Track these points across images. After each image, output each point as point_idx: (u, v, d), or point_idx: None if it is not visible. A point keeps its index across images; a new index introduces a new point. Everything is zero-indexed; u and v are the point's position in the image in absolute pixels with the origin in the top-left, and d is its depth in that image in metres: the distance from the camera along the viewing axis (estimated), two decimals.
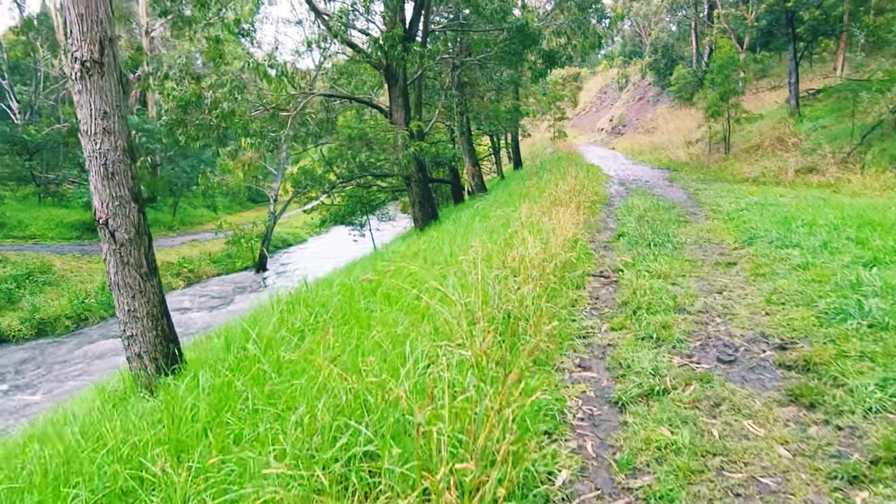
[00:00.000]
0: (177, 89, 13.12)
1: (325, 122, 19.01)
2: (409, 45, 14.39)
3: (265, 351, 3.98)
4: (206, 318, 19.96)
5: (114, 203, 5.27)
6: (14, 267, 23.31)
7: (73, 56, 5.01)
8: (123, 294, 5.46)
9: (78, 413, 5.70)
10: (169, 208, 36.32)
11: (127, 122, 5.40)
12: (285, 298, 5.20)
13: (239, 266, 29.08)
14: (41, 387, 14.90)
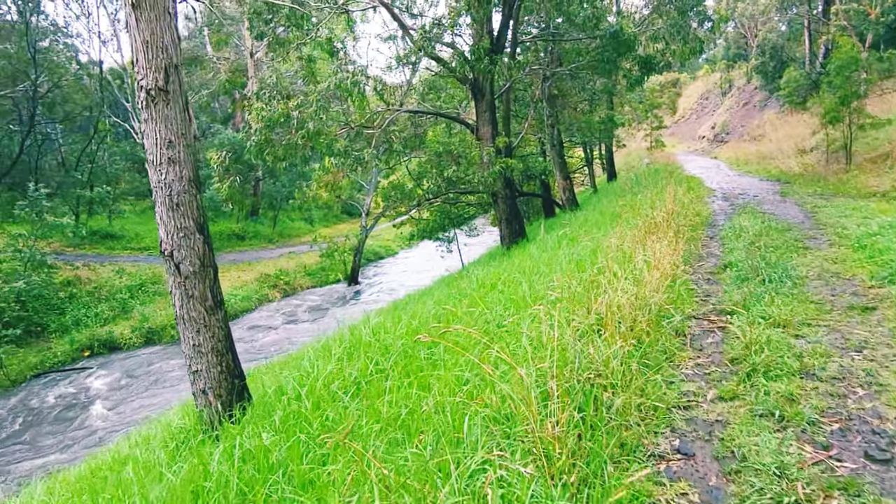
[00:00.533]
0: (265, 109, 13.35)
1: (414, 137, 18.89)
2: (497, 57, 13.91)
3: (314, 408, 3.57)
4: (296, 333, 20.34)
5: (178, 234, 5.10)
6: (129, 277, 24.95)
7: (138, 84, 4.89)
8: (188, 328, 5.27)
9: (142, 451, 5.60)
10: (269, 221, 37.82)
11: (192, 152, 5.23)
12: (347, 339, 4.80)
13: (332, 279, 29.66)
14: (147, 393, 15.63)
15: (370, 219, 29.66)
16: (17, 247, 20.32)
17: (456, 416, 2.91)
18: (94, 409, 14.97)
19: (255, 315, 23.84)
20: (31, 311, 19.34)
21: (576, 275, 5.39)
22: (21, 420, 14.50)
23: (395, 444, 2.90)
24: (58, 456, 12.49)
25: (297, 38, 14.98)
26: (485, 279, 7.62)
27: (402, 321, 5.36)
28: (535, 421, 2.54)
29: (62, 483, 6.62)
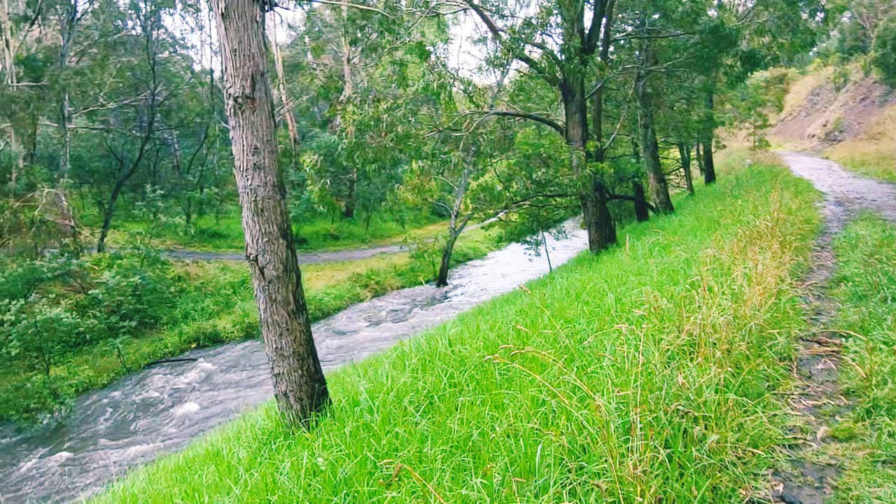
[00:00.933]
0: (357, 113, 13.61)
1: (503, 139, 18.70)
2: (588, 56, 13.44)
3: (384, 422, 3.48)
4: (383, 333, 20.66)
5: (263, 239, 5.19)
6: (232, 274, 26.41)
7: (227, 92, 5.02)
8: (271, 331, 5.36)
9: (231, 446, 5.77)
10: (362, 222, 38.86)
11: (278, 158, 5.32)
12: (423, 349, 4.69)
13: (421, 279, 29.97)
14: (244, 385, 16.42)
15: (459, 220, 29.72)
16: (135, 244, 22.01)
17: (529, 444, 2.71)
18: (198, 397, 15.88)
19: (346, 314, 24.48)
20: (145, 304, 20.85)
21: (667, 288, 5.01)
22: (136, 405, 15.63)
23: (461, 471, 2.74)
24: (162, 441, 13.34)
25: (389, 42, 15.18)
26: (569, 287, 7.30)
27: (481, 332, 5.20)
28: (613, 458, 2.29)
29: (163, 470, 6.98)
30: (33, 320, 14.44)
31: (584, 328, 4.55)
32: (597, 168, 14.05)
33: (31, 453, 13.12)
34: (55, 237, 21.16)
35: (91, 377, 16.95)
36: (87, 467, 12.26)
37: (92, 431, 14.15)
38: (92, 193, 32.95)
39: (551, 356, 2.95)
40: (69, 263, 18.27)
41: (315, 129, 43.02)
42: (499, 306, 11.21)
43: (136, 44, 31.56)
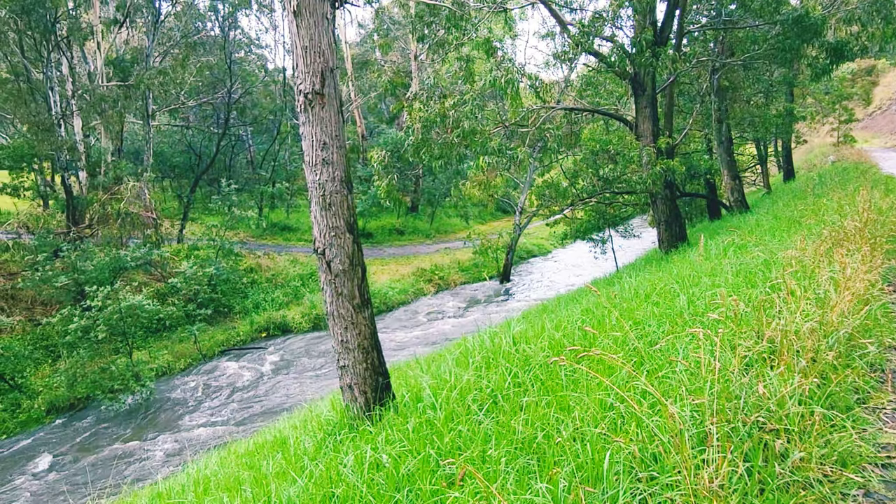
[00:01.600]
0: (423, 109, 13.67)
1: (570, 135, 18.36)
2: (660, 49, 13.00)
3: (447, 420, 3.45)
4: (445, 328, 20.74)
5: (330, 233, 5.27)
6: (301, 267, 27.17)
7: (297, 88, 5.12)
8: (337, 324, 5.45)
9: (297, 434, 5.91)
10: (427, 217, 39.15)
11: (346, 153, 5.38)
12: (487, 346, 4.64)
13: (484, 275, 29.93)
14: (310, 374, 16.88)
15: (524, 217, 29.45)
16: (211, 236, 22.98)
17: (596, 449, 2.62)
18: (266, 384, 16.44)
19: (410, 308, 24.73)
20: (220, 293, 21.76)
21: (743, 290, 4.76)
22: (210, 390, 16.34)
23: (526, 473, 2.68)
24: (234, 425, 13.88)
25: (456, 38, 15.16)
26: (638, 287, 7.06)
27: (546, 331, 5.10)
28: (687, 469, 2.18)
29: (233, 454, 7.25)
30: (118, 306, 15.31)
31: (654, 330, 4.39)
32: (667, 165, 13.59)
33: (114, 432, 13.94)
34: (138, 228, 22.37)
35: (170, 362, 17.85)
36: (163, 447, 12.91)
37: (169, 413, 14.89)
38: (172, 187, 34.65)
39: (620, 359, 2.83)
40: (151, 253, 19.28)
41: (382, 125, 43.64)
42: (563, 305, 11.01)
43: (215, 44, 32.89)
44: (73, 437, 13.78)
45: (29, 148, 20.83)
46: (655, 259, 15.06)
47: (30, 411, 14.83)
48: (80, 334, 15.12)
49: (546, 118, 15.87)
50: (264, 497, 3.31)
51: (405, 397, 4.52)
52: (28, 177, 23.23)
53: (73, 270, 17.36)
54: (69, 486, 11.38)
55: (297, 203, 36.55)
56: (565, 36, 15.39)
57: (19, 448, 13.41)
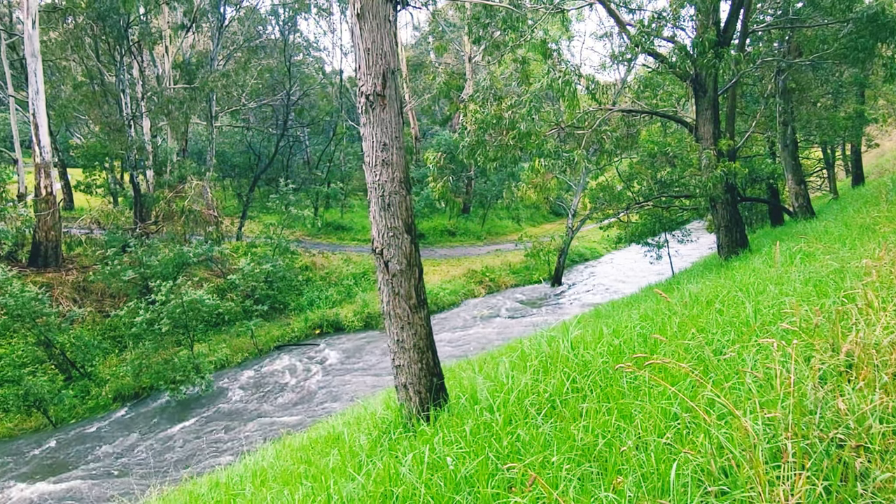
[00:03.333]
0: (479, 111, 13.66)
1: (626, 137, 18.04)
2: (723, 50, 12.60)
3: (505, 423, 3.43)
4: (496, 330, 20.66)
5: (388, 234, 5.31)
6: (354, 266, 27.60)
7: (359, 90, 5.19)
8: (393, 324, 5.50)
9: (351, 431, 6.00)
10: (479, 219, 39.14)
11: (405, 154, 5.43)
12: (544, 350, 4.59)
13: (535, 278, 29.72)
14: (361, 372, 17.12)
15: (577, 220, 29.06)
16: (268, 234, 23.61)
17: (661, 459, 2.55)
18: (319, 380, 16.75)
19: (460, 309, 24.76)
20: (276, 290, 22.33)
21: (814, 300, 4.55)
22: (265, 384, 16.79)
23: (588, 480, 2.63)
24: (287, 418, 14.20)
25: (512, 40, 15.11)
26: (699, 294, 6.85)
27: (604, 337, 5.01)
28: (761, 486, 2.09)
29: (288, 448, 7.41)
30: (181, 301, 15.91)
31: (718, 339, 4.24)
32: (729, 168, 13.15)
33: (175, 421, 14.48)
34: (201, 225, 23.21)
35: (227, 355, 18.43)
36: (220, 437, 13.33)
37: (226, 405, 15.37)
38: (232, 186, 35.78)
39: (687, 364, 2.75)
40: (212, 250, 19.97)
41: (435, 126, 43.90)
42: (619, 310, 10.80)
43: (275, 47, 33.79)
44: (138, 425, 14.39)
45: (101, 147, 21.90)
46: (714, 265, 14.60)
47: (98, 398, 15.58)
48: (146, 326, 15.80)
49: (603, 120, 15.63)
50: (324, 492, 3.37)
51: (463, 399, 4.51)
52: (100, 175, 24.44)
53: (139, 265, 18.16)
54: (132, 472, 11.89)
55: (350, 203, 37.16)
56: (623, 36, 15.14)
57: (87, 433, 14.10)
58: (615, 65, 23.60)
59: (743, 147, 19.91)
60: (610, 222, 25.78)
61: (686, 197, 18.60)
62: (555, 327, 7.54)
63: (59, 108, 24.41)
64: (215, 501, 5.77)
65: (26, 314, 14.76)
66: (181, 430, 13.98)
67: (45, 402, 14.28)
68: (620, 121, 19.27)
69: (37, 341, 15.84)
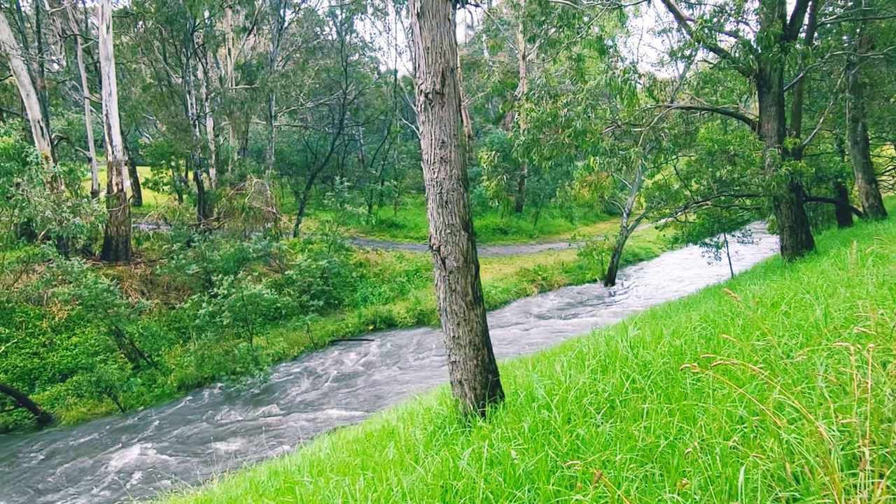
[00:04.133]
0: (535, 110, 13.58)
1: (684, 135, 17.55)
2: (789, 44, 12.12)
3: (564, 423, 3.43)
4: (549, 329, 20.50)
5: (446, 230, 5.36)
6: (407, 263, 27.89)
7: (418, 88, 5.25)
8: (449, 320, 5.54)
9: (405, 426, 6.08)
10: (531, 217, 38.90)
11: (463, 152, 5.46)
12: (602, 350, 4.54)
13: (588, 277, 29.35)
14: (412, 368, 17.31)
15: (631, 219, 28.50)
16: (324, 231, 24.12)
17: (727, 463, 2.50)
18: (371, 375, 17.03)
19: (512, 307, 24.67)
20: (331, 286, 22.81)
21: (890, 304, 4.34)
22: (319, 377, 17.18)
23: (650, 481, 2.60)
24: (341, 412, 14.49)
25: (568, 37, 14.95)
26: (763, 296, 6.63)
27: (664, 337, 4.91)
28: (837, 493, 2.02)
29: (343, 440, 7.57)
30: (241, 294, 16.46)
31: (785, 342, 4.11)
32: (794, 167, 12.64)
33: (235, 410, 15.00)
34: (260, 222, 23.92)
35: (284, 349, 18.95)
36: (277, 428, 13.73)
37: (283, 396, 15.81)
38: (290, 184, 36.68)
39: (757, 369, 2.68)
40: (270, 246, 20.56)
41: (488, 124, 43.84)
42: (676, 311, 10.56)
43: (332, 48, 34.46)
44: (200, 413, 14.98)
45: (168, 147, 22.86)
46: (778, 267, 14.09)
47: (163, 386, 16.30)
48: (208, 319, 16.43)
49: (660, 117, 15.28)
50: (383, 483, 3.44)
51: (521, 397, 4.52)
52: (167, 173, 25.52)
53: (202, 260, 18.88)
54: (194, 458, 12.40)
55: (403, 201, 37.55)
56: (683, 31, 14.75)
57: (153, 419, 14.78)
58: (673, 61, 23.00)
59: (809, 145, 19.08)
60: (666, 222, 25.17)
61: (747, 196, 18.01)
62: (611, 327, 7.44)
63: (129, 109, 25.60)
64: (275, 489, 5.93)
65: (99, 305, 15.56)
66: (240, 419, 14.47)
67: (115, 388, 15.03)
68: (679, 118, 18.77)
69: (108, 331, 16.68)
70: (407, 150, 40.64)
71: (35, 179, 15.16)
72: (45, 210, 15.44)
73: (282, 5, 29.62)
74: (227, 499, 6.36)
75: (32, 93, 19.42)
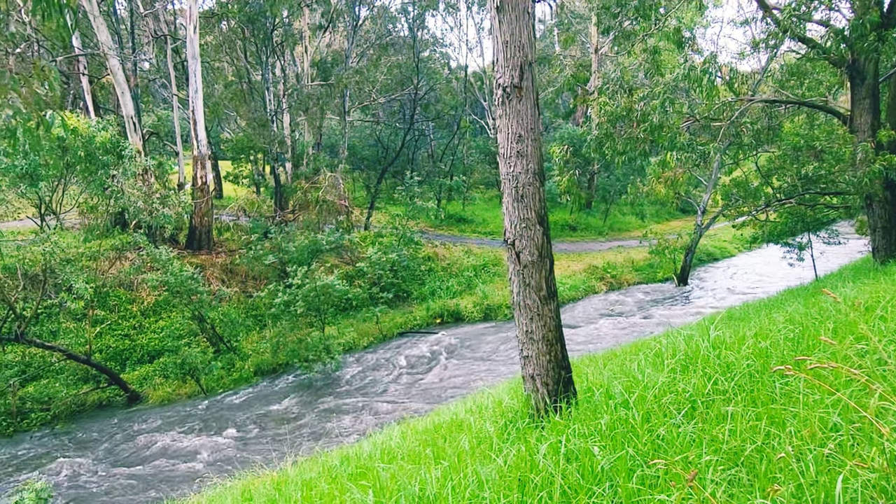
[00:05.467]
0: (609, 104, 13.30)
1: (767, 130, 16.74)
2: (886, 32, 11.34)
3: (643, 421, 3.38)
4: (618, 328, 20.09)
5: (521, 225, 5.36)
6: (474, 258, 27.97)
7: (496, 82, 5.26)
8: (523, 315, 5.54)
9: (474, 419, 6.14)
10: (600, 214, 38.20)
11: (540, 146, 5.44)
12: (681, 349, 4.43)
13: (660, 276, 28.57)
14: (478, 362, 17.38)
15: (706, 217, 27.45)
16: (394, 225, 24.52)
17: (822, 470, 2.40)
18: (438, 368, 17.21)
19: (581, 305, 24.33)
20: (400, 279, 23.18)
21: None
22: (387, 367, 17.53)
23: (737, 485, 2.54)
24: (409, 402, 14.74)
25: (644, 29, 14.56)
26: (856, 299, 6.27)
27: (747, 339, 4.74)
28: None
29: (412, 430, 7.71)
30: (314, 285, 16.98)
31: (884, 348, 3.89)
32: (889, 162, 11.84)
33: (306, 397, 15.52)
34: (333, 215, 24.58)
35: (354, 339, 19.44)
36: (346, 415, 14.11)
37: (352, 385, 16.23)
38: (362, 178, 37.46)
39: (859, 374, 2.56)
40: (342, 238, 21.10)
41: (558, 119, 43.27)
42: (756, 312, 10.13)
43: (404, 44, 34.86)
44: (274, 398, 15.60)
45: (248, 141, 23.81)
46: (868, 270, 13.27)
47: (241, 371, 17.06)
48: (283, 308, 17.06)
49: (741, 111, 14.65)
50: (459, 473, 3.50)
51: (595, 394, 4.48)
52: (246, 166, 26.58)
53: (278, 251, 19.59)
54: (268, 440, 12.93)
55: (472, 196, 37.64)
56: (767, 21, 14.08)
57: (233, 402, 15.50)
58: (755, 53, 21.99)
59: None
60: (744, 220, 24.11)
61: (835, 194, 17.02)
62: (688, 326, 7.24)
63: (212, 106, 26.85)
64: (348, 474, 6.10)
65: (184, 291, 16.44)
66: (311, 405, 14.96)
67: (198, 371, 15.85)
68: (761, 112, 17.95)
69: (192, 316, 17.60)
70: (476, 145, 40.68)
71: (128, 172, 16.17)
72: (137, 201, 16.45)
73: (357, 3, 30.24)
74: (302, 481, 6.59)
75: (126, 90, 20.67)
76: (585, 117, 38.79)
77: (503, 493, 3.05)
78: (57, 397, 14.46)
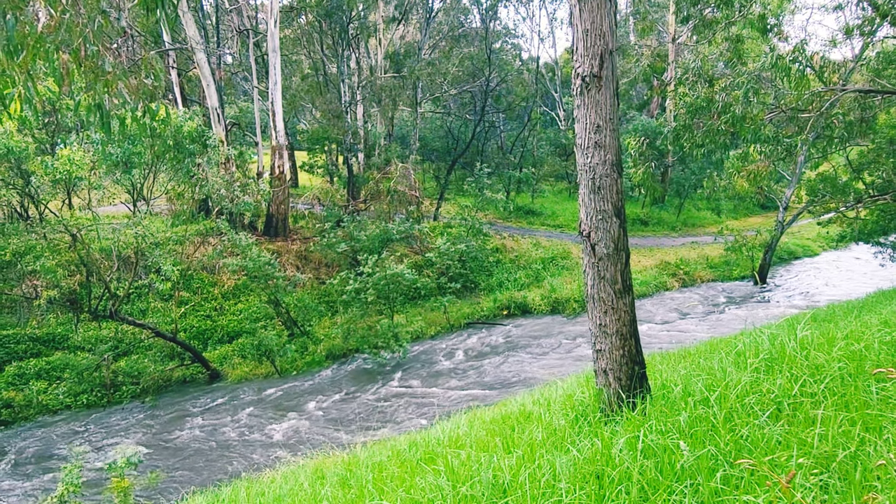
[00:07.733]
0: (688, 94, 12.85)
1: (860, 122, 15.71)
2: None
3: (726, 420, 3.30)
4: (692, 326, 19.47)
5: (597, 217, 5.29)
6: (543, 250, 27.76)
7: (575, 72, 5.20)
8: (597, 308, 5.48)
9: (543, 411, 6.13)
10: (674, 209, 37.03)
11: (618, 136, 5.34)
12: (765, 348, 4.28)
13: (736, 274, 27.46)
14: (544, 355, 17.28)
15: (789, 213, 26.07)
16: (463, 216, 24.63)
17: None
18: (504, 359, 17.21)
19: (652, 301, 23.71)
20: (468, 270, 23.29)
21: None
22: (454, 357, 17.71)
23: (829, 491, 2.45)
24: (474, 392, 14.85)
25: (726, 16, 13.96)
26: None
27: (838, 340, 4.52)
28: None
29: (479, 420, 7.77)
30: (384, 274, 17.32)
31: None
32: None
33: (375, 383, 15.90)
34: (403, 205, 24.94)
35: (422, 327, 19.72)
36: (413, 402, 14.36)
37: (419, 373, 16.49)
38: (432, 169, 37.79)
39: None
40: (412, 228, 21.40)
41: (631, 111, 42.12)
42: (844, 314, 9.59)
43: (476, 36, 34.81)
44: (344, 382, 16.07)
45: (323, 132, 24.47)
46: None
47: (313, 355, 17.66)
48: (354, 295, 17.50)
49: (832, 102, 13.82)
50: (532, 462, 3.52)
51: (673, 390, 4.39)
52: (320, 157, 27.33)
53: (350, 239, 20.09)
54: (339, 422, 13.35)
55: (541, 189, 37.27)
56: (863, 6, 13.21)
57: (305, 384, 16.09)
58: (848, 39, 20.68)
59: None
60: (830, 217, 22.79)
61: None
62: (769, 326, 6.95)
63: (289, 97, 27.71)
64: (417, 459, 6.23)
65: (261, 276, 17.15)
66: (380, 391, 15.32)
67: (273, 353, 16.52)
68: (854, 102, 16.88)
69: (268, 300, 18.34)
70: (546, 137, 40.19)
71: (212, 161, 16.97)
72: (220, 188, 17.25)
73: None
74: (372, 463, 6.78)
75: (212, 83, 21.65)
76: (661, 108, 37.59)
77: (578, 484, 3.05)
78: (146, 372, 15.42)
